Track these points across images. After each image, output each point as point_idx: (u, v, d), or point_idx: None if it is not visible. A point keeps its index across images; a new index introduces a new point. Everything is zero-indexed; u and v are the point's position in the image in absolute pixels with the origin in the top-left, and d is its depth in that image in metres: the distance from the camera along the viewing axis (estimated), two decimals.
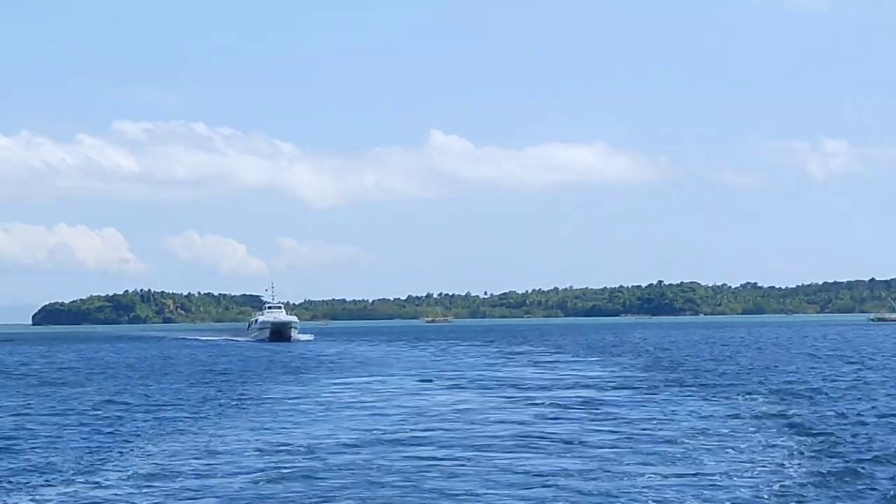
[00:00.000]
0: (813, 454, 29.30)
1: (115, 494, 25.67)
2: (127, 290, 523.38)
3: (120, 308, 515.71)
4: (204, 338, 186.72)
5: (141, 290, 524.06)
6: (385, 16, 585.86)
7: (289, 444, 33.62)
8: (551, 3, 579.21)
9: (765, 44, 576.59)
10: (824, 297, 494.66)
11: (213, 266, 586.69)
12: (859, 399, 45.61)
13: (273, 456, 31.24)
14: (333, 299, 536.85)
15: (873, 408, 41.52)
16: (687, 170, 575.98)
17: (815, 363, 74.96)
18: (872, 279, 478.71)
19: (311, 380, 66.07)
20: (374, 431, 36.71)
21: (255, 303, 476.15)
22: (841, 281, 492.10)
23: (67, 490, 26.25)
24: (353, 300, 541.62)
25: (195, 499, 24.98)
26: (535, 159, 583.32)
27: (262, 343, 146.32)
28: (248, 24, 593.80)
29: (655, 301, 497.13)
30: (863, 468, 26.87)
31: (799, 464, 27.92)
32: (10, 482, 27.62)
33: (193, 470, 28.87)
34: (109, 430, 38.93)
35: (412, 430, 37.15)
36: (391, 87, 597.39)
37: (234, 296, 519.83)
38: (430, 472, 27.91)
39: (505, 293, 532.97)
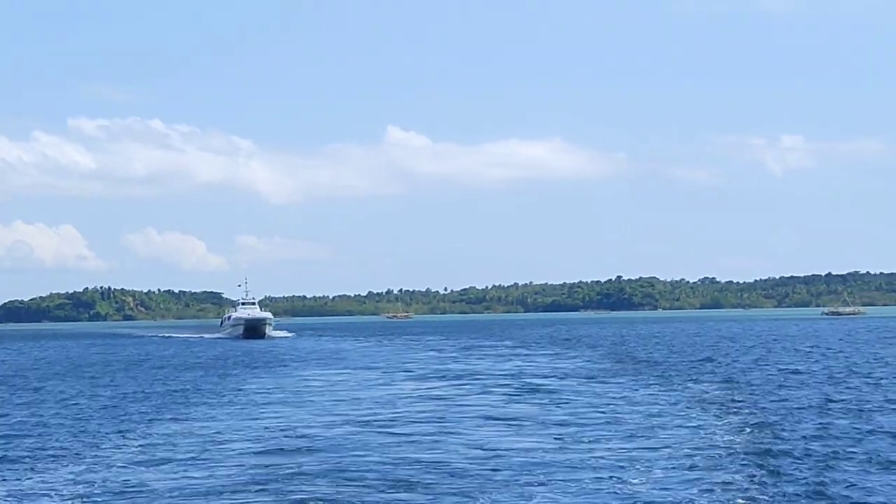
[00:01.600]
0: (746, 434, 32.77)
1: (118, 472, 28.68)
2: (87, 288, 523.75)
3: (80, 305, 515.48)
4: (177, 335, 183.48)
5: (101, 288, 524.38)
6: (342, 12, 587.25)
7: (277, 426, 36.88)
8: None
9: (721, 39, 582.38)
10: (781, 291, 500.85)
11: (173, 263, 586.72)
12: (793, 387, 49.46)
13: (264, 435, 34.46)
14: (294, 296, 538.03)
15: (806, 396, 45.35)
16: (644, 165, 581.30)
17: (761, 355, 79.00)
18: (829, 273, 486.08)
19: (289, 371, 69.36)
20: (353, 415, 40.08)
21: (216, 300, 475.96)
22: (798, 275, 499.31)
23: (75, 470, 29.20)
24: (314, 297, 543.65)
25: (197, 476, 28.05)
26: (493, 155, 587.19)
27: (236, 340, 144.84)
28: (203, 20, 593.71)
29: (615, 296, 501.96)
30: (788, 447, 30.38)
31: (732, 440, 31.39)
32: (24, 463, 30.71)
33: (192, 451, 31.99)
34: (110, 416, 42.16)
35: (389, 413, 40.54)
36: (348, 83, 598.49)
37: (195, 293, 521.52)
38: (405, 447, 31.16)
39: (465, 289, 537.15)
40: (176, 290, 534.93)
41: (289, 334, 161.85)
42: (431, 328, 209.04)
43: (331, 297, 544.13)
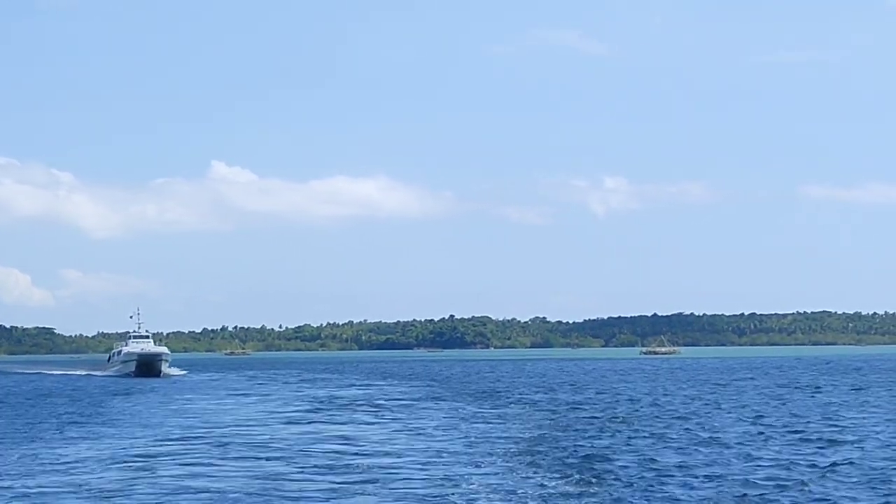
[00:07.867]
0: (533, 437, 44.29)
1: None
2: None
3: None
4: (57, 372, 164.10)
5: None
6: (160, 45, 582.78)
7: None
8: (331, 33, 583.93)
9: (541, 81, 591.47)
10: (609, 331, 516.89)
11: None
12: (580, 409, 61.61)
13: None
14: (127, 332, 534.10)
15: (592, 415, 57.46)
16: (472, 204, 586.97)
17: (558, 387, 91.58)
18: (655, 314, 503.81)
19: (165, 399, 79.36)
20: (204, 430, 50.57)
21: (48, 335, 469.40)
22: (625, 316, 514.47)
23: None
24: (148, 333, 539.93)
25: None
26: (321, 192, 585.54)
27: (127, 378, 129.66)
28: (21, 50, 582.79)
29: (447, 334, 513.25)
30: (563, 446, 41.88)
31: (521, 439, 42.83)
32: None
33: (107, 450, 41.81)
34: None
35: (251, 426, 51.18)
36: (171, 116, 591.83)
37: (27, 328, 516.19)
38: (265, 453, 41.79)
39: (300, 326, 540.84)
40: (7, 326, 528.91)
41: (183, 372, 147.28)
42: (272, 363, 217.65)
43: (164, 333, 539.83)
